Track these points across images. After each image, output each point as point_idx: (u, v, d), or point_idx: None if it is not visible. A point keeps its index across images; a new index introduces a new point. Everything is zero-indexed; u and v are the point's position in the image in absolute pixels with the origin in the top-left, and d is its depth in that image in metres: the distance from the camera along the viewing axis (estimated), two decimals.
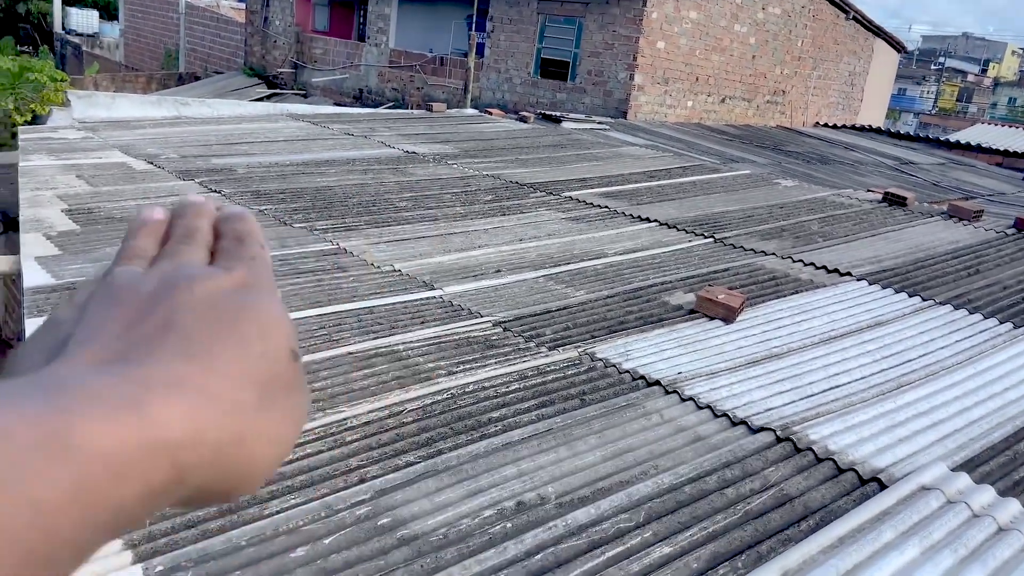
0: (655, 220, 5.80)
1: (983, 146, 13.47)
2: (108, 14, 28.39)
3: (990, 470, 2.60)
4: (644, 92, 12.52)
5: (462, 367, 3.21)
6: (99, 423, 0.28)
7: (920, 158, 12.40)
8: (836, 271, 4.63)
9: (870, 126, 15.71)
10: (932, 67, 57.12)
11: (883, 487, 2.44)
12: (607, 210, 6.09)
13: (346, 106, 13.91)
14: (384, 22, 15.88)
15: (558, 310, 3.91)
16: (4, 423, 0.27)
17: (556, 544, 2.13)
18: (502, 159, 7.99)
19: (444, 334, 3.54)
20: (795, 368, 3.30)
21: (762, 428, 2.77)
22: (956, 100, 54.39)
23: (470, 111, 11.46)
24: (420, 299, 3.96)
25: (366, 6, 16.58)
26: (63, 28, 25.87)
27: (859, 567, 2.00)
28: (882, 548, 2.09)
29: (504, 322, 3.71)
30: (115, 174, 6.22)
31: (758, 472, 2.51)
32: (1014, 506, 2.33)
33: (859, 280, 4.49)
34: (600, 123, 11.04)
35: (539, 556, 2.07)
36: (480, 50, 13.98)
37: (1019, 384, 3.27)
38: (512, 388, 3.05)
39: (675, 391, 3.05)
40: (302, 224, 5.18)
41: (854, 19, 16.34)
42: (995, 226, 6.00)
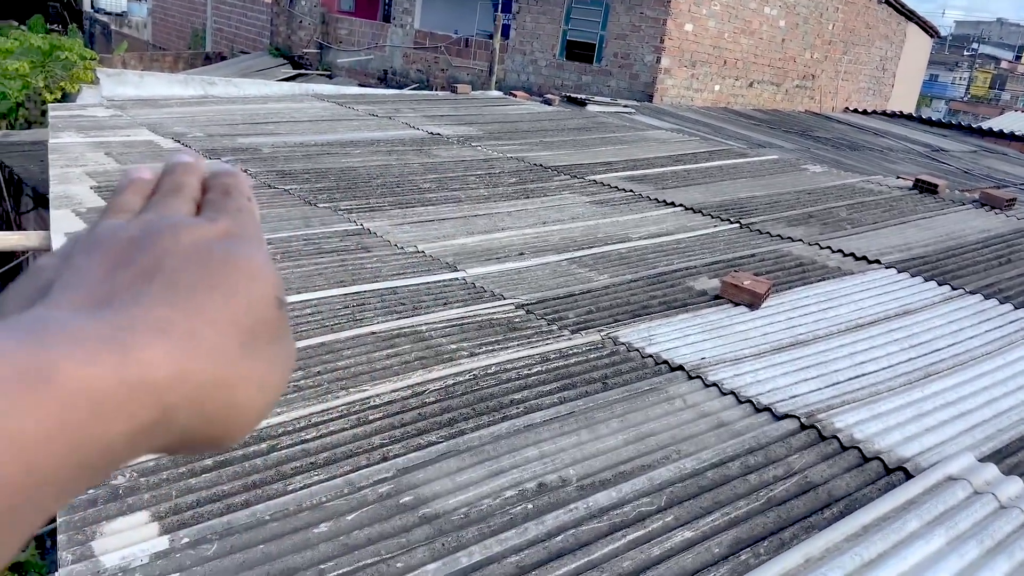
0: (680, 205, 5.75)
1: (1016, 134, 13.20)
2: None
3: (1018, 461, 2.56)
4: (671, 75, 12.39)
5: (484, 349, 3.21)
6: (82, 361, 0.28)
7: (951, 145, 12.18)
8: (864, 258, 4.57)
9: (901, 112, 15.45)
10: (965, 53, 56.02)
11: (909, 476, 2.42)
12: (632, 194, 6.05)
13: (371, 87, 13.91)
14: (409, 3, 15.82)
15: (581, 293, 3.90)
16: None
17: (577, 526, 2.13)
18: (526, 142, 7.96)
19: (467, 316, 3.54)
20: (821, 356, 3.27)
21: (787, 415, 2.75)
22: (989, 87, 53.33)
23: (495, 93, 11.41)
24: (443, 280, 3.96)
25: None
26: (92, 7, 26.06)
27: (883, 556, 1.99)
28: (907, 538, 2.07)
29: (527, 305, 3.71)
30: (142, 152, 6.27)
31: (782, 459, 2.50)
32: None
33: (887, 268, 4.43)
34: (626, 106, 10.95)
35: (559, 538, 2.08)
36: (505, 32, 13.89)
37: None
38: (534, 371, 3.04)
39: (699, 376, 3.03)
40: (326, 204, 5.20)
41: (886, 3, 16.04)
42: None
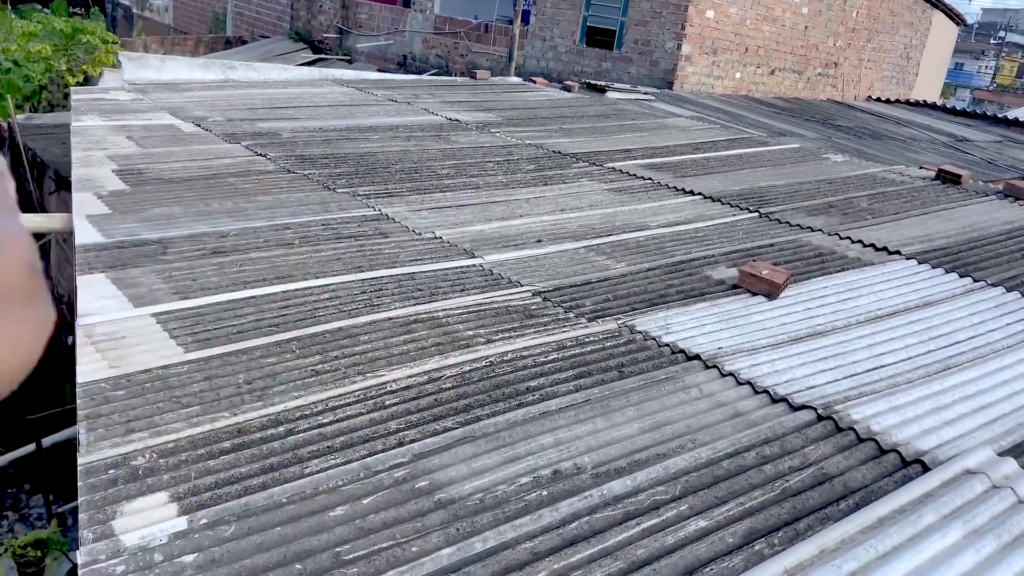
0: (699, 193, 5.72)
1: None
2: None
3: None
4: (691, 62, 12.28)
5: (501, 335, 3.22)
6: None
7: (975, 135, 12.01)
8: (885, 249, 4.53)
9: (924, 101, 15.24)
10: (991, 41, 55.04)
11: (926, 469, 2.40)
12: (650, 182, 6.02)
13: (390, 72, 13.90)
14: None
15: (598, 281, 3.89)
16: None
17: (591, 513, 2.14)
18: (545, 128, 7.93)
19: (484, 302, 3.54)
20: (839, 347, 3.25)
21: (803, 406, 2.74)
22: (1016, 76, 52.42)
23: (514, 79, 11.36)
24: (460, 267, 3.97)
25: None
26: None
27: (899, 549, 1.98)
28: (923, 531, 2.06)
29: (544, 292, 3.71)
30: (164, 136, 6.31)
31: (798, 450, 2.49)
32: None
33: (908, 259, 4.38)
34: (645, 93, 10.87)
35: (574, 525, 2.08)
36: (526, 17, 13.81)
37: None
38: (551, 358, 3.05)
39: (715, 366, 3.02)
40: (345, 189, 5.21)
41: None
42: None
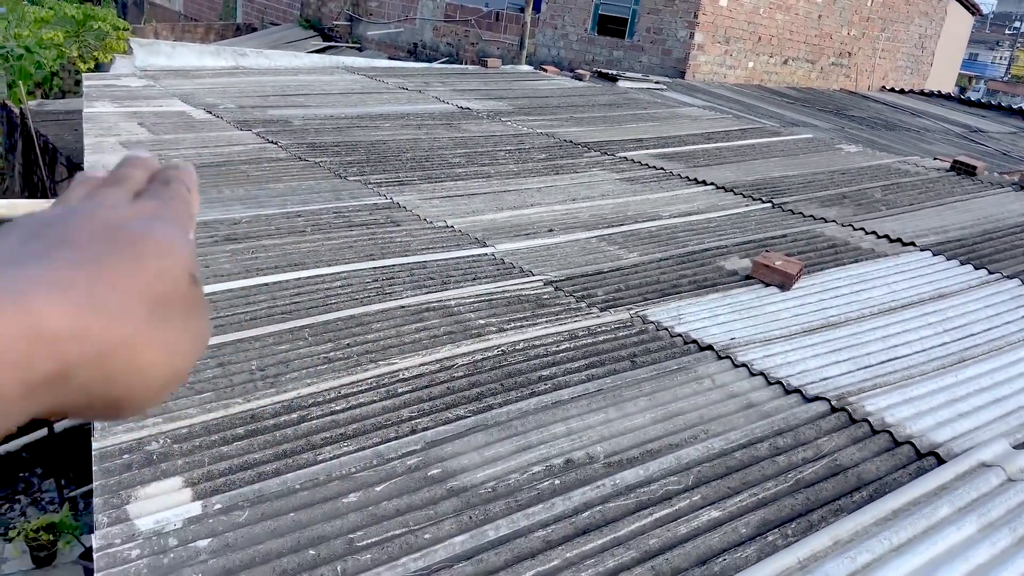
0: (712, 183, 5.69)
1: None
2: None
3: None
4: (704, 52, 12.20)
5: (513, 325, 3.21)
6: None
7: (990, 126, 11.91)
8: (899, 240, 4.49)
9: (939, 92, 15.11)
10: (1007, 31, 54.46)
11: (941, 462, 2.39)
12: (662, 172, 5.99)
13: (400, 60, 13.87)
14: None
15: (610, 271, 3.88)
16: None
17: (604, 503, 2.13)
18: (556, 117, 7.90)
19: (495, 291, 3.54)
20: (853, 338, 3.23)
21: (817, 397, 2.73)
22: None
23: (525, 68, 11.32)
24: (472, 256, 3.96)
25: None
26: None
27: (913, 541, 1.97)
28: (938, 523, 2.05)
29: (555, 281, 3.70)
30: (175, 122, 6.32)
31: (811, 441, 2.48)
32: None
33: (923, 251, 4.35)
34: (657, 83, 10.81)
35: (586, 514, 2.08)
36: (537, 5, 13.74)
37: None
38: (562, 347, 3.04)
39: (728, 357, 3.01)
40: (356, 177, 5.21)
41: None
42: None
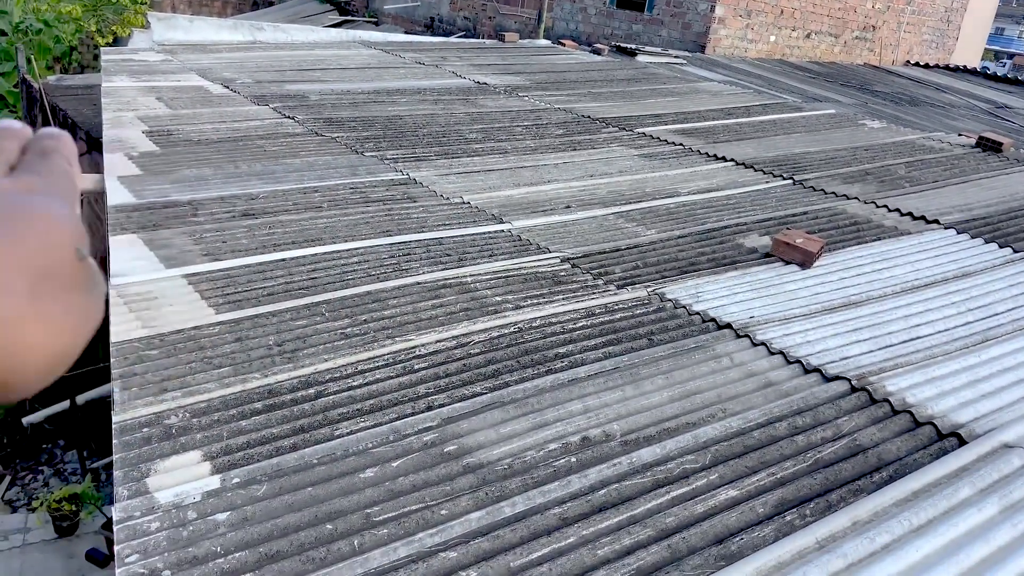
0: (732, 159, 5.62)
1: None
2: None
3: None
4: (725, 25, 12.02)
5: (529, 302, 3.20)
6: None
7: (1017, 102, 11.68)
8: (922, 218, 4.43)
9: (965, 67, 14.82)
10: None
11: (962, 443, 2.36)
12: (681, 148, 5.93)
13: (417, 34, 13.77)
14: None
15: (628, 248, 3.85)
16: None
17: (620, 481, 2.13)
18: (574, 92, 7.82)
19: (512, 268, 3.52)
20: (874, 317, 3.19)
21: (837, 377, 2.70)
22: None
23: (543, 42, 11.20)
24: (489, 232, 3.94)
25: None
26: None
27: (934, 522, 1.95)
28: (958, 504, 2.03)
29: (573, 258, 3.68)
30: (193, 97, 6.31)
31: (830, 421, 2.46)
32: None
33: (947, 228, 4.28)
34: (677, 57, 10.67)
35: (603, 491, 2.08)
36: None
37: None
38: (579, 325, 3.03)
39: (747, 335, 2.99)
40: (373, 153, 5.19)
41: None
42: None
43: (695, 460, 2.24)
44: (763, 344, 2.92)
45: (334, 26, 14.48)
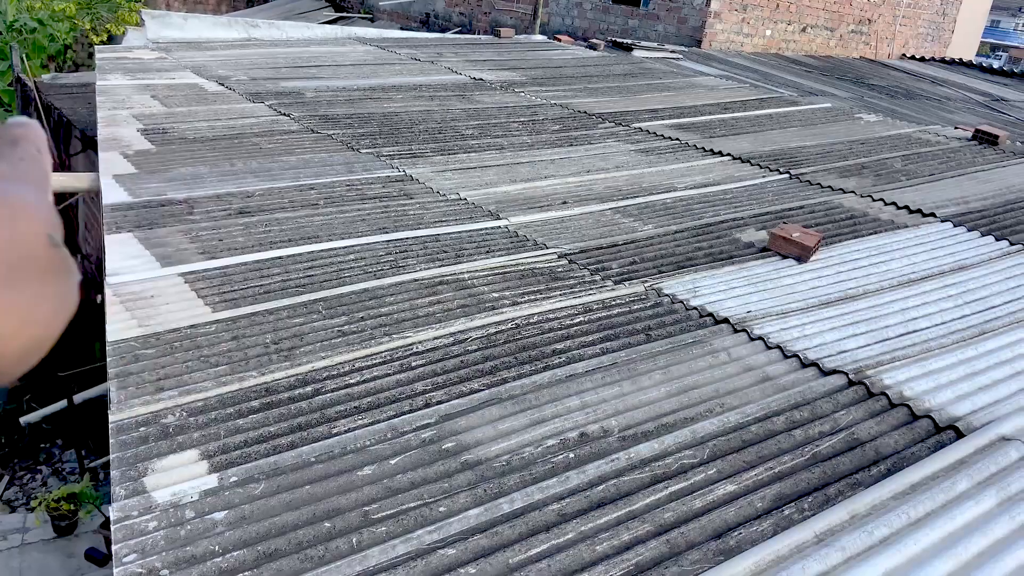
0: (728, 154, 5.61)
1: None
2: None
3: None
4: (720, 19, 12.00)
5: (527, 298, 3.19)
6: None
7: (1013, 95, 11.68)
8: (919, 211, 4.43)
9: (960, 59, 14.82)
10: None
11: (960, 436, 2.36)
12: (678, 142, 5.92)
13: (412, 30, 13.73)
14: None
15: (625, 244, 3.85)
16: None
17: (618, 476, 2.13)
18: (570, 88, 7.81)
19: (509, 264, 3.52)
20: (871, 311, 3.19)
21: (834, 371, 2.70)
22: None
23: (538, 37, 11.18)
24: (486, 228, 3.94)
25: None
26: None
27: (932, 515, 1.95)
28: (956, 497, 2.03)
29: (570, 254, 3.67)
30: (188, 95, 6.30)
31: (828, 415, 2.46)
32: None
33: (943, 221, 4.28)
34: (673, 52, 10.66)
35: (601, 487, 2.08)
36: None
37: None
38: (577, 321, 3.02)
39: (744, 330, 2.99)
40: (369, 150, 5.18)
41: None
42: None
43: (693, 455, 2.24)
44: (760, 338, 2.92)
45: (329, 22, 14.44)
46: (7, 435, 6.97)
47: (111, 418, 2.22)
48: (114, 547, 1.77)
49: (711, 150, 5.71)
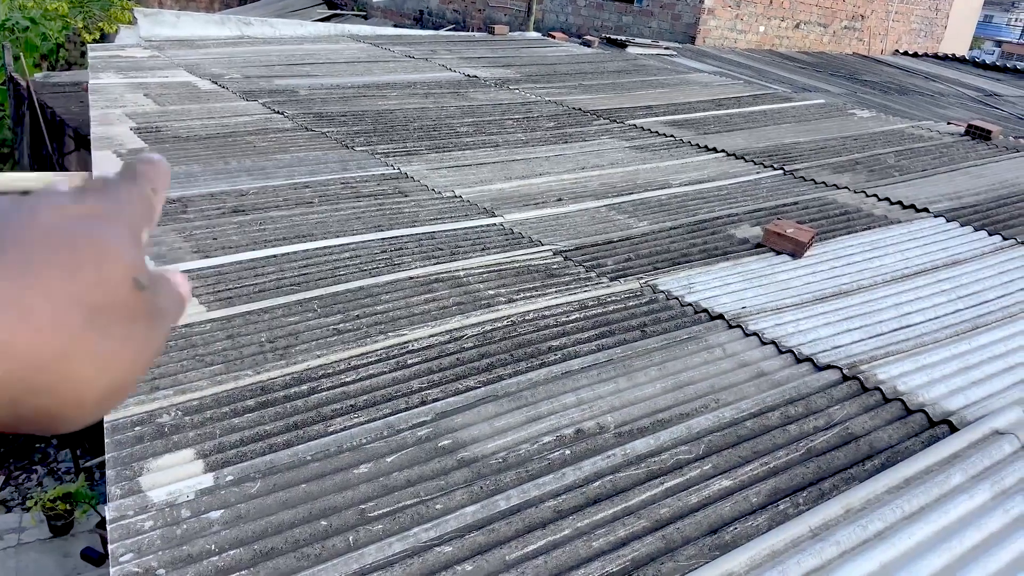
0: (722, 150, 5.62)
1: None
2: None
3: None
4: (714, 16, 12.01)
5: (522, 295, 3.20)
6: None
7: (1005, 90, 11.71)
8: (912, 207, 4.44)
9: (953, 55, 14.85)
10: None
11: (954, 430, 2.37)
12: (672, 139, 5.93)
13: (406, 28, 13.71)
14: None
15: (620, 240, 3.85)
16: None
17: (614, 472, 2.13)
18: (565, 84, 7.81)
19: (504, 261, 3.52)
20: (865, 306, 3.20)
21: (828, 366, 2.71)
22: None
23: (533, 34, 11.18)
24: (481, 226, 3.94)
25: None
26: None
27: (926, 509, 1.96)
28: (950, 491, 2.04)
29: (565, 251, 3.68)
30: (181, 93, 6.28)
31: (822, 410, 2.47)
32: None
33: (936, 217, 4.30)
34: (667, 48, 10.67)
35: (597, 483, 2.08)
36: None
37: None
38: (572, 317, 3.03)
39: (739, 326, 2.99)
40: (363, 148, 5.17)
41: None
42: None
43: (688, 451, 2.25)
44: (755, 334, 2.93)
45: (322, 20, 14.42)
46: (2, 435, 6.95)
47: (106, 418, 2.22)
48: (110, 546, 1.77)
49: (705, 146, 5.71)
